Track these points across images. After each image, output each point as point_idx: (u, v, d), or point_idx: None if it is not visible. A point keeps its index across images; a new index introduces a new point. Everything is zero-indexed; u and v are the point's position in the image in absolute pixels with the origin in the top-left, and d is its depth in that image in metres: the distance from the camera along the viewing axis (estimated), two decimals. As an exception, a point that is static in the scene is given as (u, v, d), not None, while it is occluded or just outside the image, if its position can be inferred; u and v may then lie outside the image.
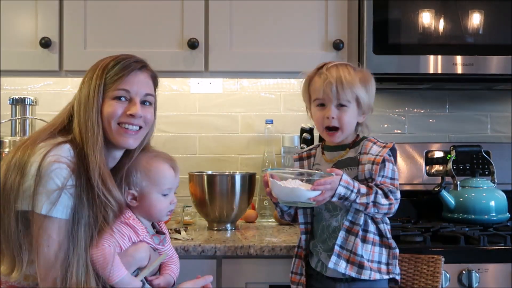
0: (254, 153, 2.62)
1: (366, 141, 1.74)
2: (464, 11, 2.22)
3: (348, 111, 1.71)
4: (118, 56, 1.61)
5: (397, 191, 1.68)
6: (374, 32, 2.20)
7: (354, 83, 1.70)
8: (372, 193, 1.64)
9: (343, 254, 1.67)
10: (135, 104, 1.58)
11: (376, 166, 1.67)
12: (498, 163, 2.40)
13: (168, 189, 1.65)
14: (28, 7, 2.25)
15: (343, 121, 1.71)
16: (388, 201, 1.65)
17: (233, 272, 1.93)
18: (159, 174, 1.64)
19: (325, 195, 1.60)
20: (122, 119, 1.57)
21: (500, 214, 2.22)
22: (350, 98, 1.70)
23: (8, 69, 2.25)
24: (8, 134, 2.36)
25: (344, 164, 1.73)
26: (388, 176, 1.69)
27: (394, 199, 1.67)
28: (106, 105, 1.56)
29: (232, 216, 2.25)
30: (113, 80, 1.57)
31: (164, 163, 1.66)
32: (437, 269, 1.77)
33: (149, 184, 1.62)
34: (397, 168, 1.74)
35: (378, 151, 1.69)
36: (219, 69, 2.28)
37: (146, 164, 1.64)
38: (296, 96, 2.63)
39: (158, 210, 1.64)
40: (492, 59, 2.22)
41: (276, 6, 2.28)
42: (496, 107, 2.67)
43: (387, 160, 1.70)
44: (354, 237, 1.67)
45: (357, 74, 1.73)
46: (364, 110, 1.74)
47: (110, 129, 1.56)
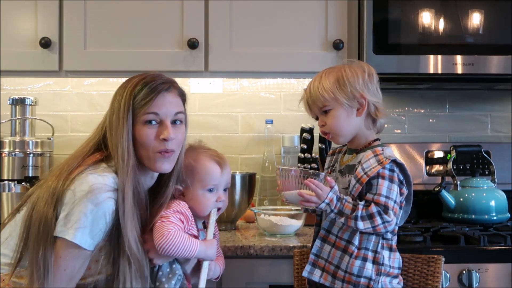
0: (254, 153, 2.62)
1: (370, 150, 1.66)
2: (464, 11, 2.22)
3: (331, 114, 1.66)
4: (145, 77, 1.58)
5: (389, 212, 1.57)
6: (374, 32, 2.20)
7: (323, 88, 1.65)
8: (352, 217, 1.57)
9: (318, 262, 1.66)
10: (167, 127, 1.55)
11: (359, 185, 1.60)
12: (498, 163, 2.40)
13: (214, 185, 1.66)
14: (28, 7, 2.25)
15: (330, 125, 1.67)
16: (370, 224, 1.57)
17: (233, 272, 1.93)
18: (204, 170, 1.65)
19: (312, 199, 1.58)
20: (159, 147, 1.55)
21: (500, 214, 2.22)
22: (325, 103, 1.66)
23: (8, 69, 2.25)
24: (8, 134, 2.36)
25: (347, 170, 1.70)
26: (382, 194, 1.59)
27: (382, 221, 1.57)
28: (138, 129, 1.54)
29: (232, 216, 2.25)
30: (141, 104, 1.54)
31: (210, 160, 1.67)
32: (437, 269, 1.77)
33: (194, 181, 1.64)
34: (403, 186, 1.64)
35: (370, 166, 1.61)
36: (219, 69, 2.28)
37: (192, 161, 1.66)
38: (296, 96, 2.61)
39: (203, 206, 1.65)
40: (492, 59, 2.22)
41: (276, 6, 2.28)
42: (496, 107, 2.67)
43: (382, 177, 1.60)
44: (330, 247, 1.65)
45: (333, 76, 1.66)
46: (351, 105, 1.66)
47: (148, 158, 1.55)
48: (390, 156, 1.63)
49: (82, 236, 1.43)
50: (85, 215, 1.43)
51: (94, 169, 1.49)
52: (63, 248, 1.45)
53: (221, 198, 1.69)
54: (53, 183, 1.48)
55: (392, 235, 1.67)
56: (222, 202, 1.69)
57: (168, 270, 1.58)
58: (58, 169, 1.53)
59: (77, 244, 1.44)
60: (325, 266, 1.65)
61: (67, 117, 2.60)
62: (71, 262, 1.45)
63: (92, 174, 1.47)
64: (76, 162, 1.52)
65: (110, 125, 1.55)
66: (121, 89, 1.58)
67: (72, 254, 1.45)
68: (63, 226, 1.44)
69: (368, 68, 1.70)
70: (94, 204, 1.43)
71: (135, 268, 1.48)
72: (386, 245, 1.65)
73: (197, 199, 1.65)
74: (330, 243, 1.66)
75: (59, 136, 2.53)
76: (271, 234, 2.10)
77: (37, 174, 2.28)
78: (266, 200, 2.50)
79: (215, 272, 1.69)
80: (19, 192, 2.25)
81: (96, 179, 1.46)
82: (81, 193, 1.44)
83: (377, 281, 1.62)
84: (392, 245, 1.67)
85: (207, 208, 1.66)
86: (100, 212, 1.44)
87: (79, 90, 2.61)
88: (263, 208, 2.25)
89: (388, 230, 1.61)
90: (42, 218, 1.45)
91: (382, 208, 1.58)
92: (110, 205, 1.45)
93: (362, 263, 1.61)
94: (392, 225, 1.60)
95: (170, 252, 1.51)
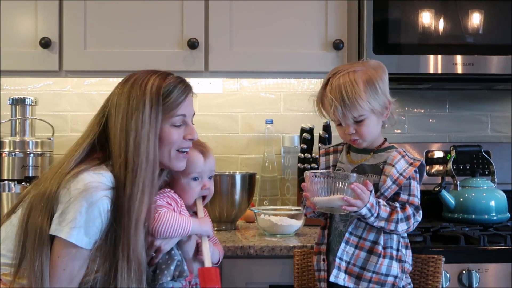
0: (254, 153, 2.62)
1: (395, 151, 1.68)
2: (464, 11, 2.22)
3: (365, 123, 1.64)
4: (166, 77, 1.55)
5: (420, 212, 1.66)
6: (374, 32, 2.20)
7: (359, 96, 1.60)
8: (392, 220, 1.60)
9: (342, 265, 1.65)
10: (192, 128, 1.56)
11: (396, 187, 1.63)
12: (498, 163, 2.40)
13: (198, 173, 1.67)
14: (28, 7, 2.25)
15: (363, 133, 1.65)
16: (407, 226, 1.63)
17: (233, 272, 1.93)
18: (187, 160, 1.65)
19: (357, 203, 1.55)
20: (181, 145, 1.55)
21: (500, 214, 2.22)
22: (361, 113, 1.62)
23: (8, 69, 2.25)
24: (8, 134, 2.36)
25: (366, 169, 1.69)
26: (416, 195, 1.66)
27: (414, 221, 1.64)
28: (165, 130, 1.52)
29: (232, 216, 2.25)
30: (172, 106, 1.52)
31: (193, 149, 1.66)
32: (437, 269, 1.77)
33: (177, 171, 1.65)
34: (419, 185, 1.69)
35: (403, 168, 1.64)
36: (219, 69, 2.28)
37: None
38: (296, 96, 2.64)
39: (188, 195, 1.67)
40: (492, 59, 2.22)
41: (276, 6, 2.28)
42: (496, 107, 2.67)
43: (413, 178, 1.66)
44: (354, 248, 1.65)
45: (361, 79, 1.62)
46: (382, 112, 1.67)
47: (169, 156, 1.54)
48: (420, 158, 1.70)
49: (78, 235, 1.42)
50: (80, 213, 1.42)
51: (91, 168, 1.48)
52: (61, 247, 1.44)
53: (206, 186, 1.69)
54: (47, 187, 1.47)
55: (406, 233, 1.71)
56: (207, 190, 1.70)
57: (166, 256, 1.57)
58: (52, 171, 1.51)
59: (74, 243, 1.42)
60: (348, 269, 1.65)
61: (67, 117, 2.60)
62: (70, 262, 1.44)
63: (88, 172, 1.46)
64: (70, 163, 1.50)
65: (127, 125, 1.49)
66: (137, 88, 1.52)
67: (70, 254, 1.44)
68: (58, 224, 1.43)
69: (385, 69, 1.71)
70: (89, 202, 1.42)
71: (135, 267, 1.47)
72: (404, 243, 1.70)
73: (182, 188, 1.67)
74: (353, 245, 1.66)
75: (59, 136, 2.53)
76: (271, 234, 2.10)
77: (37, 174, 2.27)
78: (266, 200, 2.51)
79: (214, 256, 1.68)
80: (19, 192, 2.25)
81: (92, 177, 1.45)
82: (76, 192, 1.43)
83: (401, 278, 1.66)
84: (408, 243, 1.72)
85: (193, 196, 1.68)
86: (96, 211, 1.43)
87: (79, 90, 2.61)
88: (263, 208, 2.25)
89: (413, 229, 1.67)
90: (37, 229, 1.44)
91: (414, 208, 1.64)
92: (106, 204, 1.44)
93: (389, 262, 1.64)
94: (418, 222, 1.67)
95: (165, 232, 1.52)
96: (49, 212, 1.45)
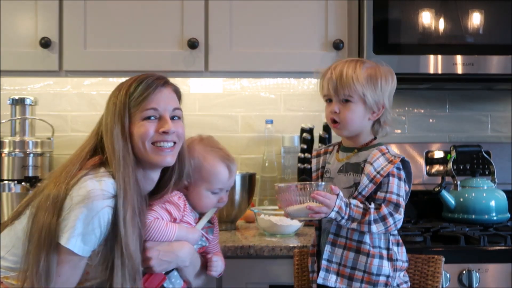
0: (254, 153, 2.62)
1: (376, 149, 1.66)
2: (464, 11, 2.22)
3: (351, 107, 1.65)
4: (138, 77, 1.58)
5: (400, 210, 1.60)
6: (374, 32, 2.20)
7: (357, 79, 1.63)
8: (364, 222, 1.58)
9: (332, 267, 1.65)
10: (167, 121, 1.55)
11: (373, 185, 1.61)
12: (498, 163, 2.40)
13: (219, 189, 1.66)
14: (28, 7, 2.25)
15: (344, 116, 1.65)
16: (384, 226, 1.59)
17: (233, 272, 1.93)
18: (212, 172, 1.64)
19: (322, 210, 1.57)
20: (156, 138, 1.54)
21: (500, 214, 2.22)
22: (352, 94, 1.63)
23: (8, 69, 2.25)
24: (8, 134, 2.36)
25: (348, 168, 1.69)
26: (394, 192, 1.61)
27: (393, 221, 1.59)
28: (136, 127, 1.53)
29: (232, 216, 2.25)
30: (139, 101, 1.53)
31: (220, 162, 1.66)
32: (437, 269, 1.77)
33: (200, 179, 1.64)
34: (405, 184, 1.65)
35: (382, 166, 1.62)
36: (219, 69, 2.28)
37: (202, 159, 1.65)
38: (296, 96, 2.64)
39: (203, 204, 1.66)
40: (492, 59, 2.22)
41: (276, 6, 2.28)
42: (496, 107, 2.67)
43: (392, 175, 1.62)
44: (342, 249, 1.64)
45: (366, 71, 1.65)
46: (372, 108, 1.66)
47: (145, 150, 1.53)
48: (399, 155, 1.65)
49: (76, 242, 1.42)
50: (80, 221, 1.41)
51: (93, 174, 1.48)
52: (60, 253, 1.44)
53: (223, 200, 1.69)
54: (52, 190, 1.46)
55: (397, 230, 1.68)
56: (223, 203, 1.70)
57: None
58: (56, 176, 1.51)
59: (71, 249, 1.42)
60: (340, 270, 1.64)
61: (67, 117, 2.60)
62: (65, 268, 1.44)
63: (91, 180, 1.45)
64: (73, 167, 1.50)
65: (106, 127, 1.54)
66: (116, 91, 1.58)
67: (67, 260, 1.44)
68: (59, 231, 1.43)
69: (395, 78, 1.71)
70: (89, 211, 1.42)
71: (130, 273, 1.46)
72: (395, 241, 1.68)
73: (199, 197, 1.65)
74: (341, 246, 1.65)
75: (59, 136, 2.53)
76: (271, 234, 2.10)
77: (37, 174, 2.28)
78: (266, 200, 2.50)
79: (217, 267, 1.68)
80: (19, 192, 2.26)
81: (94, 185, 1.44)
82: (78, 198, 1.42)
83: (394, 277, 1.64)
84: (399, 240, 1.69)
85: (207, 207, 1.67)
86: (96, 221, 1.43)
87: (79, 90, 2.61)
88: (263, 208, 2.25)
89: (397, 228, 1.63)
90: (44, 227, 1.44)
91: (393, 206, 1.60)
92: (106, 214, 1.44)
93: (380, 261, 1.62)
94: (401, 222, 1.62)
95: (149, 237, 1.53)
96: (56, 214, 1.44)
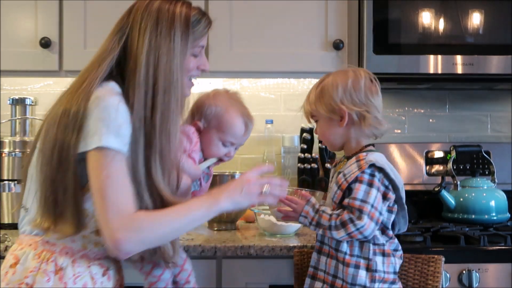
0: (254, 153, 2.62)
1: (355, 156, 1.63)
2: (464, 11, 2.22)
3: (319, 125, 1.69)
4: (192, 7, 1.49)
5: (363, 216, 1.53)
6: (374, 32, 2.20)
7: (309, 99, 1.67)
8: (327, 228, 1.56)
9: (318, 274, 1.65)
10: (206, 60, 1.52)
11: (340, 192, 1.59)
12: (498, 163, 2.40)
13: (230, 143, 1.68)
14: (28, 7, 2.25)
15: (318, 134, 1.71)
16: (345, 233, 1.54)
17: (233, 272, 1.93)
18: (230, 124, 1.66)
19: (289, 214, 1.60)
20: (194, 74, 1.52)
21: (500, 214, 2.22)
22: (314, 114, 1.68)
23: (8, 69, 2.25)
24: (8, 134, 2.36)
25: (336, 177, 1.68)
26: (358, 198, 1.55)
27: (355, 228, 1.53)
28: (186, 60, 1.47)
29: (232, 216, 2.24)
30: (197, 36, 1.48)
31: (240, 117, 1.68)
32: (437, 269, 1.77)
33: (216, 127, 1.66)
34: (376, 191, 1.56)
35: (351, 172, 1.58)
36: (219, 69, 2.28)
37: (224, 108, 1.67)
38: (296, 96, 2.64)
39: (211, 151, 1.68)
40: (492, 59, 2.22)
41: (276, 6, 2.28)
42: (496, 107, 2.67)
43: (360, 181, 1.56)
44: (326, 257, 1.64)
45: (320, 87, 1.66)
46: (332, 117, 1.63)
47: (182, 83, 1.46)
48: (371, 160, 1.57)
49: (108, 139, 1.30)
50: (102, 120, 1.31)
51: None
52: (94, 161, 1.31)
53: (229, 155, 1.70)
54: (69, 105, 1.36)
55: (385, 239, 1.62)
56: (228, 158, 1.71)
57: None
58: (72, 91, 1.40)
59: (104, 146, 1.30)
60: (325, 278, 1.64)
61: (67, 117, 2.60)
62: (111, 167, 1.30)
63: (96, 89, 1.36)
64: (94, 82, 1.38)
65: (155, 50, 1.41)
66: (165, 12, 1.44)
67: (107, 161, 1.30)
68: (82, 141, 1.31)
69: (354, 76, 1.63)
70: (106, 107, 1.32)
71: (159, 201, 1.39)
72: (379, 250, 1.60)
73: (209, 142, 1.67)
74: (325, 253, 1.65)
75: (59, 136, 2.53)
76: (271, 234, 2.10)
77: (37, 174, 2.27)
78: (266, 200, 2.50)
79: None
80: (19, 192, 2.25)
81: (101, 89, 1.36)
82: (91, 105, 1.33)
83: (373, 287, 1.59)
84: (385, 250, 1.61)
85: (213, 155, 1.68)
86: (118, 115, 1.33)
87: (79, 90, 2.60)
88: (263, 208, 2.24)
89: (365, 235, 1.55)
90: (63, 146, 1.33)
91: (356, 212, 1.54)
92: (122, 105, 1.34)
93: (355, 271, 1.58)
94: (369, 230, 1.54)
95: None
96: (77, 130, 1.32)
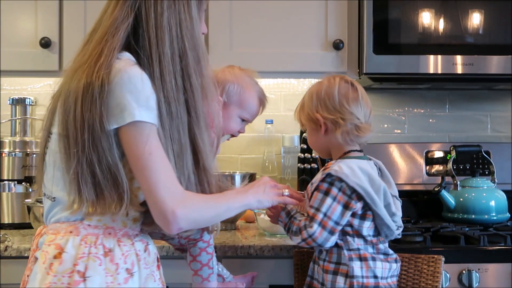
0: (254, 153, 2.62)
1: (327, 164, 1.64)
2: (464, 11, 2.22)
3: (307, 132, 1.73)
4: None
5: (313, 224, 1.53)
6: (374, 32, 2.20)
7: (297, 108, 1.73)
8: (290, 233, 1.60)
9: (314, 284, 1.66)
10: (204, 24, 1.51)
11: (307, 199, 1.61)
12: (498, 163, 2.40)
13: (247, 118, 1.78)
14: (28, 7, 2.25)
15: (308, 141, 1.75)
16: (300, 239, 1.55)
17: (233, 272, 1.93)
18: (250, 102, 1.77)
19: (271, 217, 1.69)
20: None
21: (500, 214, 2.22)
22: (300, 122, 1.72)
23: (8, 69, 2.25)
24: (8, 134, 2.36)
25: None
26: (313, 206, 1.56)
27: (307, 235, 1.53)
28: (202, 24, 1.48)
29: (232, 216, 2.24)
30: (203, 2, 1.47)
31: (257, 96, 1.79)
32: (437, 269, 1.77)
33: (237, 103, 1.75)
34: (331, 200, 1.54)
35: (316, 181, 1.60)
36: (219, 69, 2.28)
37: (245, 87, 1.77)
38: (296, 96, 2.63)
39: (230, 125, 1.76)
40: (492, 59, 2.22)
41: (276, 6, 2.28)
42: (496, 107, 2.67)
43: (317, 189, 1.57)
44: (317, 266, 1.65)
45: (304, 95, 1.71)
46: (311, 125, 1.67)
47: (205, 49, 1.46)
48: (331, 170, 1.56)
49: (140, 112, 1.24)
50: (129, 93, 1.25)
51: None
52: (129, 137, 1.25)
53: (242, 131, 1.80)
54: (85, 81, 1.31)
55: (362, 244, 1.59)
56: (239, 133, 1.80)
57: None
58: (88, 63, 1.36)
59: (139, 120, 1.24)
60: (314, 284, 1.66)
61: (67, 117, 2.60)
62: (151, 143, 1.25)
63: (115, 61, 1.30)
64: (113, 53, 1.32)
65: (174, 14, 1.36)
66: None
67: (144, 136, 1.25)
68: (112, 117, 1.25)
69: (328, 84, 1.64)
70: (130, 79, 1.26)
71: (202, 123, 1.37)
72: (355, 255, 1.57)
73: (229, 117, 1.74)
74: (316, 262, 1.66)
75: (59, 136, 2.53)
76: (271, 234, 2.10)
77: (37, 174, 2.27)
78: (266, 200, 2.50)
79: None
80: (19, 192, 2.26)
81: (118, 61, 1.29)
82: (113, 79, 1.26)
83: None
84: (361, 254, 1.57)
85: (229, 131, 1.76)
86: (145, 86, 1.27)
87: (79, 90, 2.60)
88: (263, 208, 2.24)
89: (319, 243, 1.55)
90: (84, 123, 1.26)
91: (309, 219, 1.55)
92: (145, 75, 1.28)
93: (333, 277, 1.57)
94: (320, 238, 1.54)
95: None
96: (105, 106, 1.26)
